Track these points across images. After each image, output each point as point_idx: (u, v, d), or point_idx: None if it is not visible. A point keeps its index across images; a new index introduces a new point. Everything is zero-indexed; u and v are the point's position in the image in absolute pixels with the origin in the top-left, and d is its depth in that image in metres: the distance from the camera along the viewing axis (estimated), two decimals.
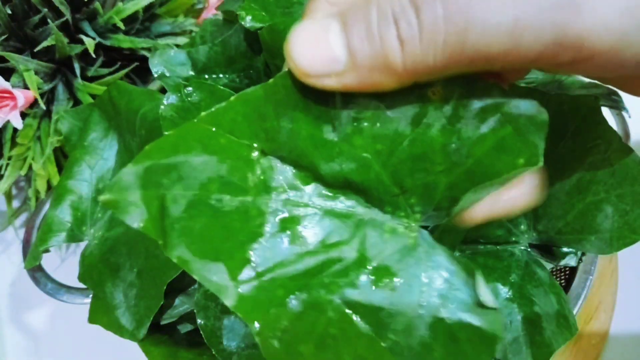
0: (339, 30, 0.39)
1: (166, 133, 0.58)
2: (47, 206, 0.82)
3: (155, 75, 0.77)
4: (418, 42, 0.36)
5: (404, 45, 0.37)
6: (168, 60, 0.77)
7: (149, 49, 1.04)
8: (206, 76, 0.78)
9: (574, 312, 0.68)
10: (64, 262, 1.05)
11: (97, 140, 0.76)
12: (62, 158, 1.03)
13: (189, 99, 0.65)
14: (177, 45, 1.03)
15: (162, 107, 0.64)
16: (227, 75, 0.78)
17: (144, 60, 1.06)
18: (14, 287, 1.08)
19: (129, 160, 0.72)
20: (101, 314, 0.68)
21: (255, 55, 0.77)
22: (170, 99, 0.65)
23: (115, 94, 0.74)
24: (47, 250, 0.74)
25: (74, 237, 0.73)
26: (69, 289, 0.75)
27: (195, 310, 0.60)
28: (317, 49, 0.39)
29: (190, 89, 0.66)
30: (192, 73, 0.78)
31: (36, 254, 0.73)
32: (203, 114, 0.44)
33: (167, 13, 1.11)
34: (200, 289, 0.60)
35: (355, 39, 0.38)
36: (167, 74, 0.77)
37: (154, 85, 0.90)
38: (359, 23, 0.38)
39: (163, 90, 0.78)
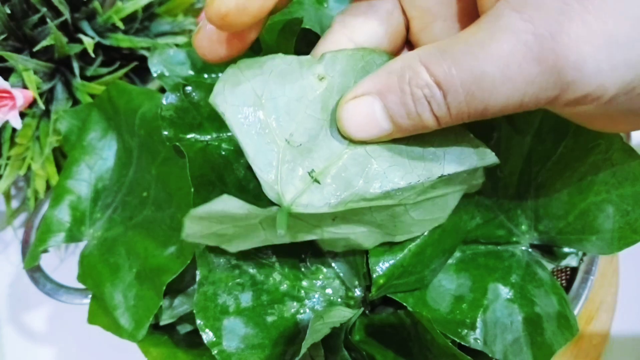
0: (381, 109, 0.49)
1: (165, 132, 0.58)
2: (46, 206, 0.82)
3: (155, 75, 0.77)
4: (448, 117, 0.47)
5: (438, 119, 0.48)
6: (167, 60, 0.77)
7: (148, 49, 1.04)
8: (205, 75, 0.78)
9: (575, 312, 0.68)
10: (63, 263, 1.05)
11: (96, 140, 0.76)
12: (61, 158, 1.03)
13: (189, 98, 0.65)
14: (177, 45, 1.02)
15: (161, 106, 0.64)
16: None
17: (143, 59, 1.06)
18: (12, 288, 1.08)
19: (128, 160, 0.72)
20: (100, 315, 0.68)
21: (254, 54, 0.77)
22: (169, 98, 0.65)
23: (114, 93, 0.74)
24: (45, 251, 0.74)
25: (72, 237, 0.73)
26: (68, 289, 0.75)
27: (194, 311, 0.59)
28: (367, 125, 0.51)
29: (189, 88, 0.65)
30: (191, 72, 0.78)
31: (35, 254, 0.73)
32: None
33: (167, 12, 1.11)
34: (200, 289, 0.60)
35: (398, 118, 0.49)
36: (167, 74, 0.77)
37: (153, 85, 0.90)
38: (399, 106, 0.48)
39: (162, 90, 0.78)
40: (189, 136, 0.65)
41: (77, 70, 0.99)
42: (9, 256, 1.10)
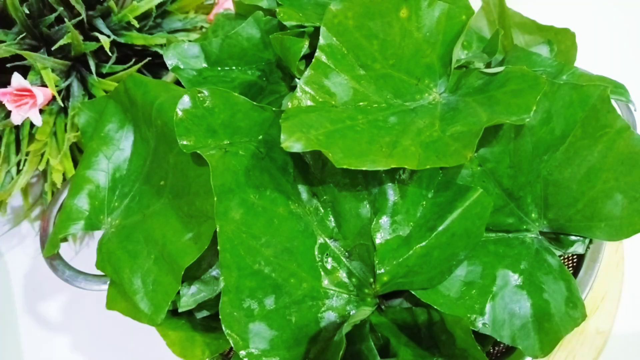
0: None
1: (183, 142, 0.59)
2: (63, 196, 0.83)
3: (170, 68, 0.78)
4: None
5: None
6: (182, 53, 0.78)
7: (161, 46, 1.05)
8: (219, 68, 0.79)
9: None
10: (77, 255, 1.06)
11: (113, 131, 0.77)
12: (78, 153, 1.04)
13: (204, 105, 0.66)
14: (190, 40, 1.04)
15: (177, 111, 0.65)
16: (239, 68, 0.79)
17: (156, 55, 1.07)
18: (28, 278, 1.10)
19: (144, 150, 0.73)
20: (119, 300, 0.69)
21: (267, 47, 0.78)
22: (184, 103, 0.65)
23: (130, 85, 0.75)
24: (65, 239, 0.74)
25: (91, 225, 0.74)
26: (87, 275, 0.75)
27: (220, 317, 0.60)
28: None
29: (205, 93, 0.66)
30: (205, 65, 0.79)
31: (55, 241, 0.74)
32: None
33: (179, 9, 1.12)
34: (224, 297, 0.60)
35: None
36: (181, 67, 0.78)
37: (167, 79, 0.91)
38: None
39: (177, 83, 0.79)
40: (205, 143, 0.65)
41: (93, 68, 1.01)
42: (25, 248, 1.12)
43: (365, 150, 0.61)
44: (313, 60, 0.67)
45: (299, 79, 0.72)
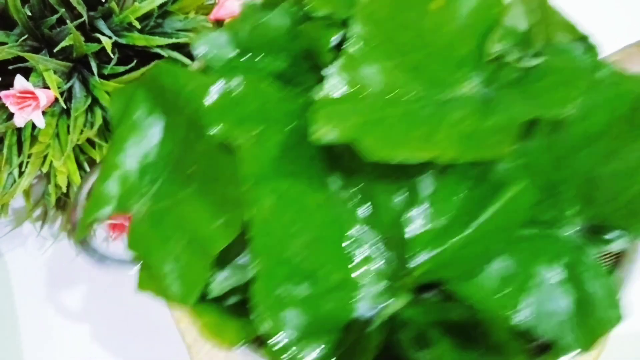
0: None
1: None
2: (89, 182, 0.82)
3: (198, 57, 0.78)
4: None
5: None
6: (210, 42, 0.77)
7: (162, 47, 1.05)
8: (247, 57, 0.78)
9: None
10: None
11: (142, 118, 0.75)
12: (81, 155, 1.04)
13: (233, 94, 0.65)
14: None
15: (206, 99, 0.64)
16: (268, 57, 0.78)
17: (158, 56, 1.07)
18: (29, 279, 1.10)
19: (173, 137, 0.72)
20: (150, 283, 0.69)
21: (296, 37, 0.78)
22: (213, 92, 0.65)
23: (159, 73, 0.74)
24: (95, 223, 0.74)
25: (121, 209, 0.73)
26: (115, 260, 0.76)
27: (251, 304, 0.60)
28: None
29: (235, 82, 0.66)
30: (233, 54, 0.78)
31: (84, 225, 0.74)
32: None
33: (180, 10, 1.12)
34: (256, 283, 0.60)
35: None
36: (210, 55, 0.77)
37: (193, 68, 0.91)
38: None
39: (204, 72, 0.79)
40: (234, 132, 0.65)
41: (95, 69, 1.00)
42: (26, 249, 1.12)
43: (399, 141, 0.60)
44: (343, 50, 0.66)
45: (328, 69, 0.72)
